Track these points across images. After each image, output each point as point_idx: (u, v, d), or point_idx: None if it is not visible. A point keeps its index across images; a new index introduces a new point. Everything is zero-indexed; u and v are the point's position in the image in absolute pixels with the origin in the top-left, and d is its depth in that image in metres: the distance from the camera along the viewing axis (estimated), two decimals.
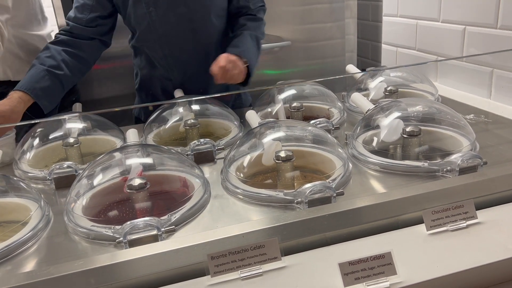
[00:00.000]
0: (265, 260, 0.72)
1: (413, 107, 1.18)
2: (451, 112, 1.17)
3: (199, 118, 1.33)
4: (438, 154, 1.08)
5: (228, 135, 1.33)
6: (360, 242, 0.78)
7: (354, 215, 0.81)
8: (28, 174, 1.15)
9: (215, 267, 0.70)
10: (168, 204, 0.94)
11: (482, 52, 1.54)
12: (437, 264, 0.71)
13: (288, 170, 1.01)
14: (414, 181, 0.98)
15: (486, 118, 1.33)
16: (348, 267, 0.67)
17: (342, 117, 1.40)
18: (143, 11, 1.42)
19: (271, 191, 0.94)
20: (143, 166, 0.98)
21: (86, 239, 0.86)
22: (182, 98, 1.46)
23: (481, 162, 0.97)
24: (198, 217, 0.91)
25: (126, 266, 0.72)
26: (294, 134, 1.11)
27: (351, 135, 1.18)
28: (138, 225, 0.80)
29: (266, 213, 0.90)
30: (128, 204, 0.94)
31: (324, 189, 0.88)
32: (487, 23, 1.50)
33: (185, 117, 1.34)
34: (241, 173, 1.04)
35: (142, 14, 1.43)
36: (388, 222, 0.82)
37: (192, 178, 1.01)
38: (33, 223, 0.89)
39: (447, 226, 0.80)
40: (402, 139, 1.10)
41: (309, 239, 0.79)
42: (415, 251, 0.75)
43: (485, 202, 0.87)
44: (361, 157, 1.09)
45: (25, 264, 0.80)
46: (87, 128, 1.33)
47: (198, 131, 1.30)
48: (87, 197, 0.95)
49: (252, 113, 1.33)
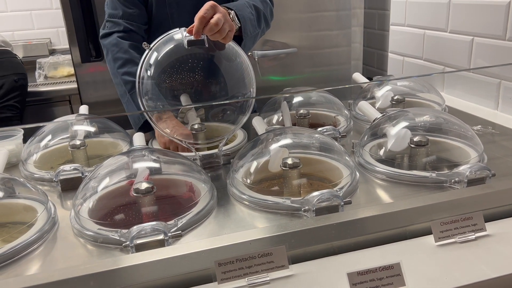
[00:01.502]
0: (273, 268, 0.72)
1: (420, 117, 1.18)
2: (459, 123, 1.16)
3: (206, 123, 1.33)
4: (445, 164, 1.08)
5: (234, 141, 1.33)
6: (368, 252, 0.78)
7: (363, 224, 0.80)
8: (35, 176, 1.15)
9: (222, 274, 0.70)
10: (174, 209, 0.94)
11: (489, 63, 1.54)
12: (446, 277, 0.71)
13: (295, 177, 1.00)
14: (421, 191, 0.97)
15: (493, 130, 1.33)
16: (356, 277, 0.67)
17: (348, 125, 1.40)
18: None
19: (278, 198, 0.94)
20: (149, 170, 0.98)
21: (92, 242, 0.85)
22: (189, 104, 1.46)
23: (490, 174, 0.96)
24: (204, 223, 0.91)
25: (133, 271, 0.72)
26: (301, 141, 1.11)
27: (358, 144, 1.18)
28: (145, 229, 0.80)
29: (272, 220, 0.90)
30: (134, 208, 0.93)
31: (332, 197, 0.88)
32: (496, 35, 1.50)
33: (191, 121, 1.34)
34: (247, 179, 1.03)
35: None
36: (396, 233, 0.81)
37: (198, 183, 1.01)
38: (39, 225, 0.89)
39: (456, 238, 0.79)
40: (409, 148, 1.09)
41: (316, 247, 0.79)
42: (424, 262, 0.74)
43: (493, 215, 0.87)
44: (368, 166, 1.09)
45: (30, 266, 0.80)
46: (93, 130, 1.33)
47: (204, 136, 1.30)
48: (94, 200, 0.94)
49: (258, 119, 1.33)
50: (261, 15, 1.33)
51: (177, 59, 1.16)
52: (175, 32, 1.14)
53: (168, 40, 1.15)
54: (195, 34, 1.06)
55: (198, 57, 1.18)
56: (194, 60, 1.18)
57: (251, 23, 1.26)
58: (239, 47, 1.21)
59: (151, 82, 1.14)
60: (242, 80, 1.21)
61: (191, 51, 1.14)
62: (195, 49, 1.14)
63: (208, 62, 1.20)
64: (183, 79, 1.19)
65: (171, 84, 1.19)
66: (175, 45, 1.14)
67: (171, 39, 1.15)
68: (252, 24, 1.27)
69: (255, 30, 1.29)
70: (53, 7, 2.83)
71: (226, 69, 1.22)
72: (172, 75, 1.18)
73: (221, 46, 1.16)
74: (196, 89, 1.24)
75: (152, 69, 1.14)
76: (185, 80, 1.20)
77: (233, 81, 1.22)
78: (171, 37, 1.15)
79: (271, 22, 1.43)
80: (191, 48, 1.12)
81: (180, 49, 1.14)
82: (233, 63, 1.21)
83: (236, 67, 1.21)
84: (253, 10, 1.29)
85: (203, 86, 1.24)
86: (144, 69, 1.13)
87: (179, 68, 1.18)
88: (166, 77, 1.17)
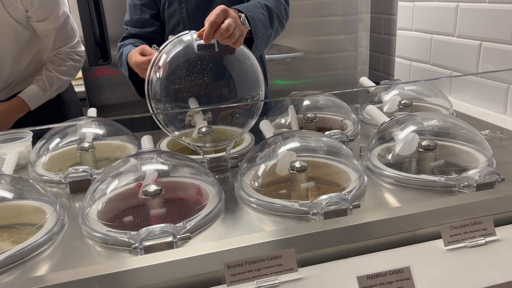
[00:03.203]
0: (282, 271, 0.71)
1: (428, 121, 1.17)
2: (467, 127, 1.16)
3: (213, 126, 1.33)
4: (454, 169, 1.07)
5: (241, 144, 1.33)
6: (377, 256, 0.77)
7: (372, 228, 0.80)
8: (43, 177, 1.16)
9: (231, 277, 0.70)
10: (183, 212, 0.94)
11: (497, 68, 1.54)
12: (456, 281, 0.70)
13: (303, 180, 1.00)
14: (429, 195, 0.97)
15: (502, 135, 1.32)
16: (366, 280, 0.66)
17: (355, 129, 1.40)
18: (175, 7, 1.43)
19: (286, 201, 0.94)
20: (158, 173, 0.99)
21: (100, 244, 0.86)
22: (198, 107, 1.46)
23: (499, 179, 0.96)
24: (213, 226, 0.91)
25: (142, 273, 0.72)
26: (309, 145, 1.11)
27: (366, 148, 1.17)
28: (154, 231, 0.80)
29: (280, 223, 0.90)
30: (143, 210, 0.94)
31: (340, 201, 0.88)
32: (504, 39, 1.50)
33: (198, 124, 1.34)
34: (255, 182, 1.03)
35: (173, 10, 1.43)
36: (405, 236, 0.81)
37: (206, 186, 1.01)
38: (48, 227, 0.89)
39: (465, 242, 0.79)
40: (417, 153, 1.09)
41: (325, 251, 0.78)
42: (433, 266, 0.74)
43: (503, 219, 0.86)
44: (376, 170, 1.09)
45: (39, 267, 0.80)
46: (101, 133, 1.34)
47: (211, 139, 1.30)
48: (102, 201, 0.95)
49: (266, 122, 1.33)
50: (274, 15, 1.31)
51: (186, 62, 1.17)
52: (185, 35, 1.15)
53: (178, 42, 1.16)
54: (205, 39, 1.06)
55: (207, 60, 1.19)
56: (203, 63, 1.18)
57: (262, 24, 1.24)
58: (249, 50, 1.21)
59: (160, 84, 1.15)
60: (251, 83, 1.20)
61: (199, 54, 1.15)
62: (204, 52, 1.14)
63: (216, 64, 1.20)
64: (191, 81, 1.20)
65: (179, 86, 1.20)
66: (184, 47, 1.15)
67: (181, 41, 1.15)
68: (264, 25, 1.25)
69: (267, 31, 1.28)
70: None
71: (235, 71, 1.22)
72: (180, 78, 1.18)
73: (231, 50, 1.16)
74: (205, 91, 1.25)
75: (160, 71, 1.14)
76: (193, 83, 1.20)
77: (241, 84, 1.21)
78: (180, 40, 1.15)
79: (286, 21, 1.41)
80: (200, 51, 1.12)
81: (188, 51, 1.14)
82: (242, 65, 1.21)
83: (246, 69, 1.21)
84: (264, 10, 1.27)
85: (211, 88, 1.24)
86: (154, 71, 1.13)
87: (187, 70, 1.18)
88: (174, 79, 1.17)
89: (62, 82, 1.65)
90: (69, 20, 1.63)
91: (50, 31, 1.57)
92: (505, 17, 1.48)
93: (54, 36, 1.59)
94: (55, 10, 1.54)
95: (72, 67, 1.68)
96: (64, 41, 1.63)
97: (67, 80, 1.68)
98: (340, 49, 2.31)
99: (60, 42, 1.62)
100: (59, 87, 1.66)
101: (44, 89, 1.61)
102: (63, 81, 1.65)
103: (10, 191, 0.98)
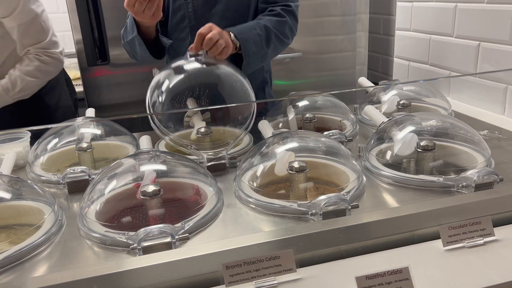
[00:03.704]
0: (280, 271, 0.71)
1: (427, 121, 1.18)
2: (466, 127, 1.16)
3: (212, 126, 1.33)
4: (452, 169, 1.07)
5: (240, 144, 1.33)
6: (376, 256, 0.77)
7: (370, 228, 0.80)
8: (41, 178, 1.16)
9: (230, 277, 0.69)
10: (181, 212, 0.94)
11: (496, 68, 1.54)
12: (455, 281, 0.70)
13: (302, 181, 1.00)
14: (428, 196, 0.97)
15: (500, 135, 1.32)
16: (365, 281, 0.66)
17: (354, 130, 1.40)
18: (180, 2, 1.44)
19: (285, 202, 0.93)
20: (156, 173, 0.98)
21: (99, 245, 0.85)
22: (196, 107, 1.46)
23: (498, 179, 0.96)
24: (211, 226, 0.91)
25: (140, 273, 0.72)
26: (308, 145, 1.11)
27: (365, 148, 1.17)
28: (152, 232, 0.80)
29: (278, 224, 0.90)
30: (141, 211, 0.94)
31: (339, 201, 0.88)
32: (502, 40, 1.50)
33: (197, 125, 1.34)
34: (254, 182, 1.03)
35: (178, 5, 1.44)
36: (404, 237, 0.81)
37: (205, 186, 1.01)
38: (47, 227, 0.89)
39: (464, 243, 0.79)
40: (416, 153, 1.09)
41: (324, 251, 0.78)
42: (432, 267, 0.74)
43: (501, 220, 0.86)
44: (374, 170, 1.09)
45: (37, 268, 0.80)
46: (100, 133, 1.33)
47: (210, 139, 1.30)
48: (101, 202, 0.95)
49: (265, 123, 1.33)
50: (272, 35, 1.39)
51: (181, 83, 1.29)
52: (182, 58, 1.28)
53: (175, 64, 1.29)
54: (194, 48, 1.24)
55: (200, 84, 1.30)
56: (197, 88, 1.30)
57: (255, 43, 1.34)
58: (236, 68, 1.30)
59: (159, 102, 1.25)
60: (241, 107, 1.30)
61: (196, 79, 1.30)
62: (197, 76, 1.31)
63: (209, 87, 1.31)
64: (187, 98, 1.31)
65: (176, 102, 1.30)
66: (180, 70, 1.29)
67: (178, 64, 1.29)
68: (257, 44, 1.34)
69: (261, 50, 1.36)
70: (59, 10, 2.84)
71: (225, 94, 1.32)
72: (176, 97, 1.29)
73: (219, 60, 1.28)
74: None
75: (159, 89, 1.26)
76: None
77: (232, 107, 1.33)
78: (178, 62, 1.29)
79: (292, 38, 1.49)
80: (196, 75, 1.29)
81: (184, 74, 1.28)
82: (230, 87, 1.32)
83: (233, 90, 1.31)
84: (262, 30, 1.36)
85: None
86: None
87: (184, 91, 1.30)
88: (171, 95, 1.28)
89: (26, 82, 1.57)
90: (39, 18, 1.58)
91: (14, 28, 1.53)
92: (503, 17, 1.48)
93: (18, 33, 1.54)
94: (19, 7, 1.50)
95: (38, 68, 1.60)
96: (31, 39, 1.57)
97: (32, 81, 1.59)
98: (339, 50, 2.31)
99: (27, 40, 1.57)
100: (24, 88, 1.57)
101: (6, 89, 1.55)
102: (27, 81, 1.57)
103: (8, 191, 0.98)
